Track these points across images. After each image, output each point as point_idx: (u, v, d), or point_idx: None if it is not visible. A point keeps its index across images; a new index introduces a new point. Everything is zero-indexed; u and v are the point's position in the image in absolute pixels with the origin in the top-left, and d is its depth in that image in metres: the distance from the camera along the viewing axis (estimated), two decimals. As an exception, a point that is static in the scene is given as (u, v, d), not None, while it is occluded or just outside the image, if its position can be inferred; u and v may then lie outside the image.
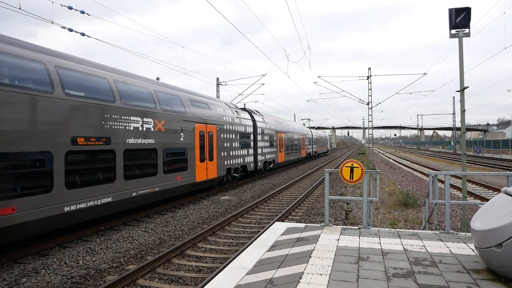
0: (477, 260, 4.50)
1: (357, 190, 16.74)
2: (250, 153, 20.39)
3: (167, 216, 11.28)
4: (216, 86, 30.48)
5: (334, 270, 4.26)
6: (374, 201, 7.05)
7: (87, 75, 9.09)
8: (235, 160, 18.16)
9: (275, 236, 5.95)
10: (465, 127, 9.14)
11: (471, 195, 14.82)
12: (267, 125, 24.26)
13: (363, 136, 77.25)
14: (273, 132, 25.42)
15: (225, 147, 16.94)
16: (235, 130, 18.28)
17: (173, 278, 6.34)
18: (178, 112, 12.74)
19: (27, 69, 7.43)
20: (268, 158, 24.31)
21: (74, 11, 11.18)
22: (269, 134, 24.46)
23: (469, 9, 8.52)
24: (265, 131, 23.53)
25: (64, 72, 8.25)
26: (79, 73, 8.86)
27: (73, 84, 8.51)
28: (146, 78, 12.29)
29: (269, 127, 24.46)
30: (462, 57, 8.88)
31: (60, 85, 7.94)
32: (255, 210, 12.37)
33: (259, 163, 22.28)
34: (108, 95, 9.47)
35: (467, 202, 7.76)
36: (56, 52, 8.60)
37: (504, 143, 46.12)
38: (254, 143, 21.38)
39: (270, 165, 24.81)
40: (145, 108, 10.90)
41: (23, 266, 6.82)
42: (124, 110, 9.87)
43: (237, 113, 19.13)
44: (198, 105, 14.65)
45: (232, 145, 17.76)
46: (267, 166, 24.21)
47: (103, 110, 9.13)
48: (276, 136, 26.22)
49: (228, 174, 17.42)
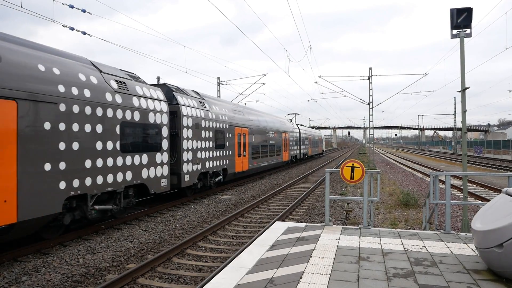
0: (477, 260, 4.50)
1: (357, 190, 16.73)
2: (158, 160, 11.27)
3: (167, 215, 11.29)
4: (217, 86, 30.48)
5: (334, 270, 4.25)
6: (374, 201, 7.04)
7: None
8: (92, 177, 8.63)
9: (275, 236, 5.95)
10: (466, 127, 9.13)
11: (472, 195, 14.80)
12: (210, 115, 15.39)
13: (364, 136, 77.24)
14: (224, 126, 16.80)
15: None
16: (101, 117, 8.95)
17: (173, 277, 6.34)
18: None
19: None
20: (212, 167, 15.45)
21: (75, 9, 11.19)
22: (216, 129, 15.88)
23: (471, 9, 8.51)
24: (206, 123, 14.86)
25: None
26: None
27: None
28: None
29: (213, 118, 15.64)
30: (464, 58, 8.87)
31: None
32: (256, 210, 12.37)
33: (186, 176, 13.15)
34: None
35: (467, 203, 7.75)
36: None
37: (504, 144, 46.05)
38: (172, 142, 12.79)
39: (217, 178, 16.18)
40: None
41: (23, 265, 6.83)
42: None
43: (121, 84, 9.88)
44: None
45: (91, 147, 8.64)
46: (209, 180, 15.39)
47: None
48: (231, 132, 17.67)
49: (70, 211, 8.41)
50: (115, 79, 9.79)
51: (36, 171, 7.18)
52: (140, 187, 10.72)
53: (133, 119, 10.12)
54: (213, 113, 15.86)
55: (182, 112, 13.11)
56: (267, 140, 24.10)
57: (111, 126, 9.24)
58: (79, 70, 8.62)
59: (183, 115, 13.16)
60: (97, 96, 8.85)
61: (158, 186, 11.29)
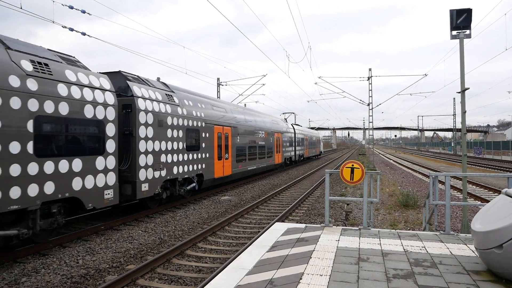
0: (477, 261, 4.50)
1: (357, 191, 16.73)
2: (99, 166, 8.95)
3: (167, 216, 11.28)
4: (217, 86, 30.51)
5: (334, 270, 4.25)
6: (374, 202, 7.05)
7: None
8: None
9: (275, 237, 5.94)
10: (465, 128, 9.13)
11: (472, 196, 14.80)
12: (180, 110, 12.85)
13: (364, 137, 77.26)
14: (200, 124, 14.27)
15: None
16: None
17: (173, 278, 6.33)
18: None
19: None
20: (182, 173, 12.88)
21: (75, 10, 11.19)
22: (187, 128, 13.25)
23: (470, 10, 8.53)
24: (173, 120, 12.31)
25: None
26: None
27: None
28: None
29: (184, 114, 13.10)
30: (463, 58, 8.88)
31: None
32: (255, 211, 12.37)
33: (144, 185, 10.64)
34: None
35: (467, 203, 7.75)
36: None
37: (504, 145, 46.09)
38: (124, 142, 10.43)
39: (189, 185, 13.57)
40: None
41: (22, 266, 6.82)
42: None
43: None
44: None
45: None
46: (178, 188, 12.83)
47: None
48: (210, 131, 15.22)
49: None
50: (31, 58, 7.49)
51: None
52: (72, 201, 8.36)
53: (57, 112, 7.77)
54: (185, 108, 13.28)
55: (138, 105, 10.58)
56: (256, 140, 21.72)
57: (17, 120, 6.90)
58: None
59: (139, 109, 10.62)
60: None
61: (99, 200, 8.91)
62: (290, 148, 32.21)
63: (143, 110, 10.76)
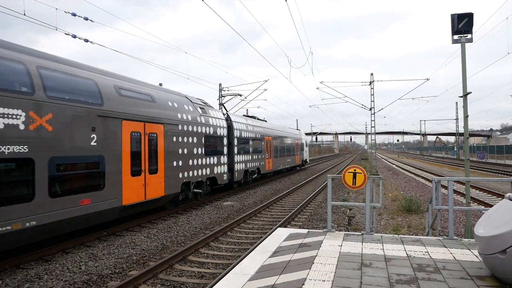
0: (481, 266, 4.47)
1: (360, 196, 16.67)
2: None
3: (169, 221, 11.28)
4: (219, 92, 30.61)
5: (336, 276, 4.24)
6: (377, 207, 7.03)
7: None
8: None
9: (277, 242, 5.93)
10: (468, 132, 9.10)
11: (475, 201, 14.72)
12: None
13: (366, 141, 77.13)
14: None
15: None
16: None
17: (175, 284, 6.32)
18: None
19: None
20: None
21: (77, 18, 11.30)
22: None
23: (472, 14, 8.53)
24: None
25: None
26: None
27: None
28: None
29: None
30: (465, 63, 8.87)
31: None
32: (258, 216, 12.34)
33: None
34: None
35: (470, 208, 7.71)
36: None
37: (507, 149, 45.92)
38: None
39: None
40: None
41: (25, 272, 6.83)
42: None
43: None
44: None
45: None
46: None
47: None
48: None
49: None
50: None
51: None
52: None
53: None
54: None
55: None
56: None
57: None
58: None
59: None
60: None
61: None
62: (213, 159, 17.29)
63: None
